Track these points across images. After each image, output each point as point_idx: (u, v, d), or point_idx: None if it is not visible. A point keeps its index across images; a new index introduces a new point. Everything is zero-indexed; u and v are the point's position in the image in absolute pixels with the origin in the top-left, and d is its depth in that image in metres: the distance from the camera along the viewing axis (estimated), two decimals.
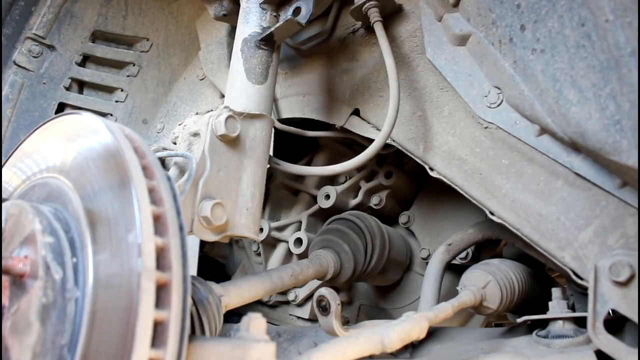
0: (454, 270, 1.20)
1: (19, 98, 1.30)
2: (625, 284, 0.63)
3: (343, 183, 1.35)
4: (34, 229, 0.50)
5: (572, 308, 0.85)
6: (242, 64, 0.90)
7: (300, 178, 1.42)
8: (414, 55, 0.93)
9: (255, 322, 0.51)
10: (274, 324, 1.34)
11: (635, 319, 0.62)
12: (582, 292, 0.83)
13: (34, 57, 1.31)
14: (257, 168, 0.85)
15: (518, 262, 1.03)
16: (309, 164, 1.42)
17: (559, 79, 0.65)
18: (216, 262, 1.62)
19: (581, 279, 0.69)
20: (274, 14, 0.93)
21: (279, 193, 1.43)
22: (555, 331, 0.79)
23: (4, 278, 0.51)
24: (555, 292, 0.84)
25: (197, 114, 0.87)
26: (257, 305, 1.39)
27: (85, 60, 1.41)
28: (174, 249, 0.48)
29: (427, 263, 1.09)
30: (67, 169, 0.56)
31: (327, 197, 1.31)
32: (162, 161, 0.82)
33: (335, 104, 1.06)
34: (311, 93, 1.11)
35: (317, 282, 1.28)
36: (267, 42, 0.91)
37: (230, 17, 1.05)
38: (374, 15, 0.90)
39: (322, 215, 1.35)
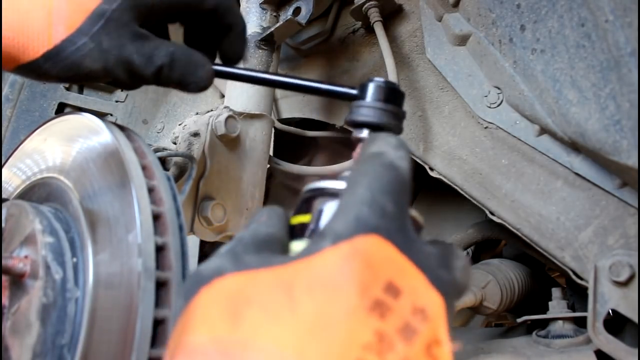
0: None
1: (19, 98, 1.30)
2: (625, 284, 0.63)
3: None
4: (34, 229, 0.50)
5: (572, 308, 0.85)
6: (242, 64, 0.90)
7: (300, 178, 1.42)
8: (414, 55, 0.93)
9: None
10: None
11: (635, 319, 0.62)
12: (582, 292, 0.83)
13: None
14: (257, 168, 0.85)
15: (518, 262, 1.03)
16: (309, 164, 1.42)
17: (559, 79, 0.65)
18: None
19: (581, 279, 0.69)
20: (274, 14, 0.93)
21: (279, 193, 1.43)
22: (555, 331, 0.79)
23: (4, 278, 0.51)
24: (555, 292, 0.84)
25: (197, 114, 0.87)
26: None
27: None
28: (174, 249, 0.48)
29: None
30: (67, 169, 0.56)
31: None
32: (162, 161, 0.82)
33: (335, 104, 1.06)
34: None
35: None
36: (267, 42, 0.91)
37: None
38: (374, 15, 0.90)
39: None
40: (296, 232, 0.33)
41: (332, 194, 0.33)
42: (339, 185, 0.32)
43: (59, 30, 0.46)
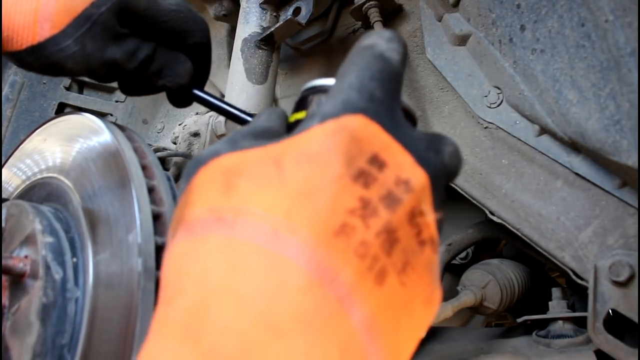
0: (454, 270, 1.20)
1: (19, 98, 1.30)
2: (625, 284, 0.63)
3: None
4: (34, 229, 0.50)
5: (572, 308, 0.85)
6: (242, 64, 0.90)
7: None
8: (414, 55, 0.93)
9: None
10: None
11: (635, 319, 0.62)
12: (582, 292, 0.83)
13: None
14: None
15: (518, 262, 1.03)
16: None
17: (559, 79, 0.65)
18: None
19: (581, 279, 0.69)
20: (274, 14, 0.93)
21: None
22: (555, 331, 0.79)
23: (4, 278, 0.51)
24: (555, 292, 0.84)
25: (197, 114, 0.87)
26: None
27: None
28: None
29: None
30: (67, 169, 0.56)
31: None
32: (162, 161, 0.82)
33: None
34: None
35: None
36: (267, 42, 0.91)
37: (230, 17, 1.05)
38: (374, 15, 0.90)
39: None
40: (294, 129, 0.34)
41: (326, 91, 0.33)
42: (332, 82, 0.33)
43: (44, 27, 0.47)
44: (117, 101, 1.43)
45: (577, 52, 0.62)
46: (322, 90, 0.34)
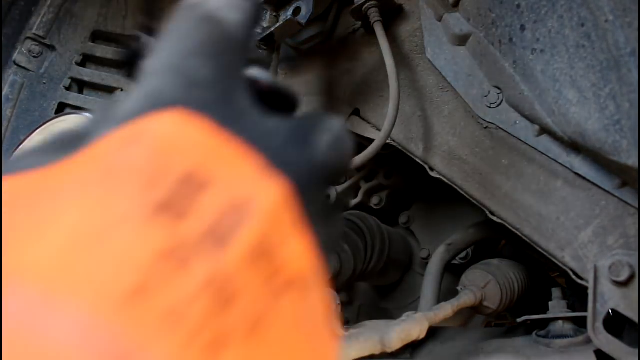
0: (454, 270, 1.20)
1: (19, 98, 1.30)
2: (625, 284, 0.63)
3: (343, 183, 1.35)
4: None
5: (572, 308, 0.85)
6: None
7: None
8: (414, 55, 0.93)
9: None
10: None
11: (635, 319, 0.62)
12: (582, 292, 0.83)
13: (34, 57, 1.31)
14: None
15: (518, 262, 1.03)
16: None
17: (559, 79, 0.65)
18: None
19: (581, 279, 0.69)
20: (274, 14, 0.93)
21: None
22: (555, 331, 0.79)
23: None
24: (555, 292, 0.84)
25: None
26: None
27: (86, 60, 1.41)
28: None
29: (427, 263, 1.09)
30: None
31: (327, 197, 1.31)
32: None
33: (335, 104, 1.06)
34: (311, 93, 1.11)
35: None
36: (267, 42, 0.91)
37: None
38: (374, 15, 0.90)
39: None
40: None
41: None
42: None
43: None
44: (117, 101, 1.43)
45: (577, 52, 0.62)
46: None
